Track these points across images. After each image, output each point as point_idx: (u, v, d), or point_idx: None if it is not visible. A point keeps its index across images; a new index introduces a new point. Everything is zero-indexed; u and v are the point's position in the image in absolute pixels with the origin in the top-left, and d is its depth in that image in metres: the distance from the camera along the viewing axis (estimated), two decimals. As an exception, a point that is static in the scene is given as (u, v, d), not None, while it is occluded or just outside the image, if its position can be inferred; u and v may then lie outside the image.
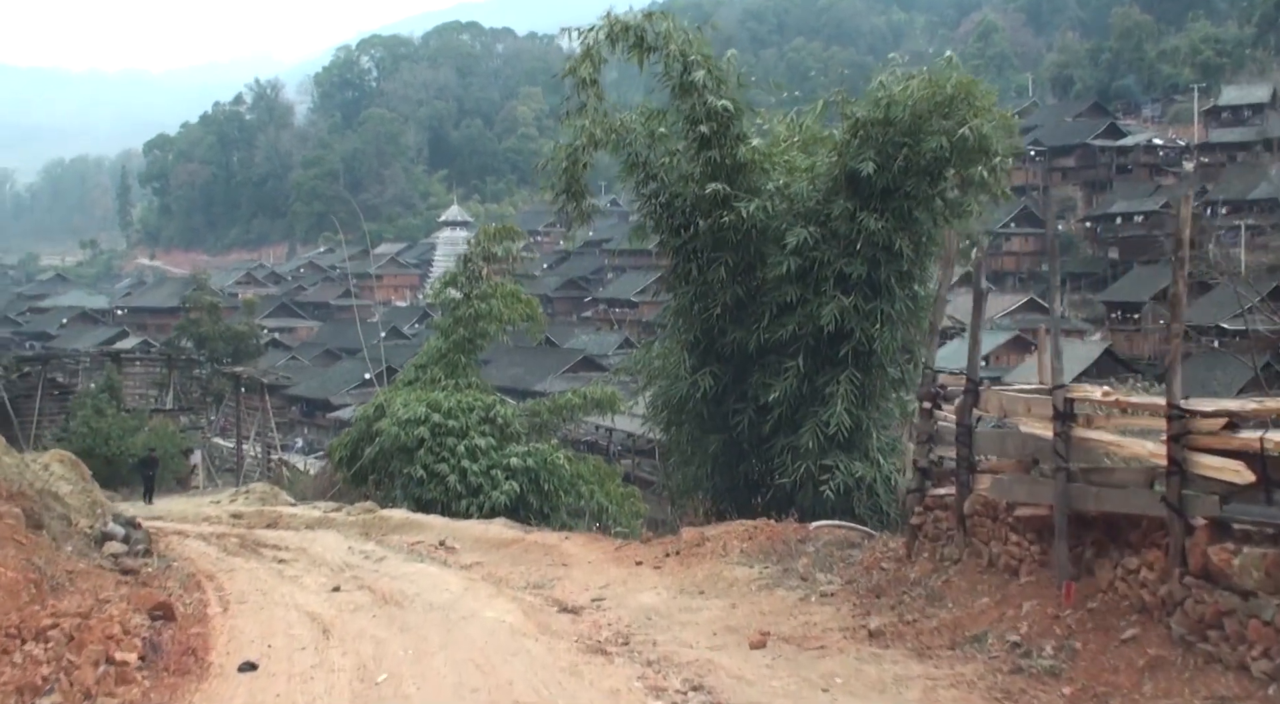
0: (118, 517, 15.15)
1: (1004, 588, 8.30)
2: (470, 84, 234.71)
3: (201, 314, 74.62)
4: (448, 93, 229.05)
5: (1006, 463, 8.78)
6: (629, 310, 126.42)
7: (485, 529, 16.55)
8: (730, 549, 11.90)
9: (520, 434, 27.64)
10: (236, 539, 17.98)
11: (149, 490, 34.88)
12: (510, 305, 29.64)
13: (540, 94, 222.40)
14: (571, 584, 11.83)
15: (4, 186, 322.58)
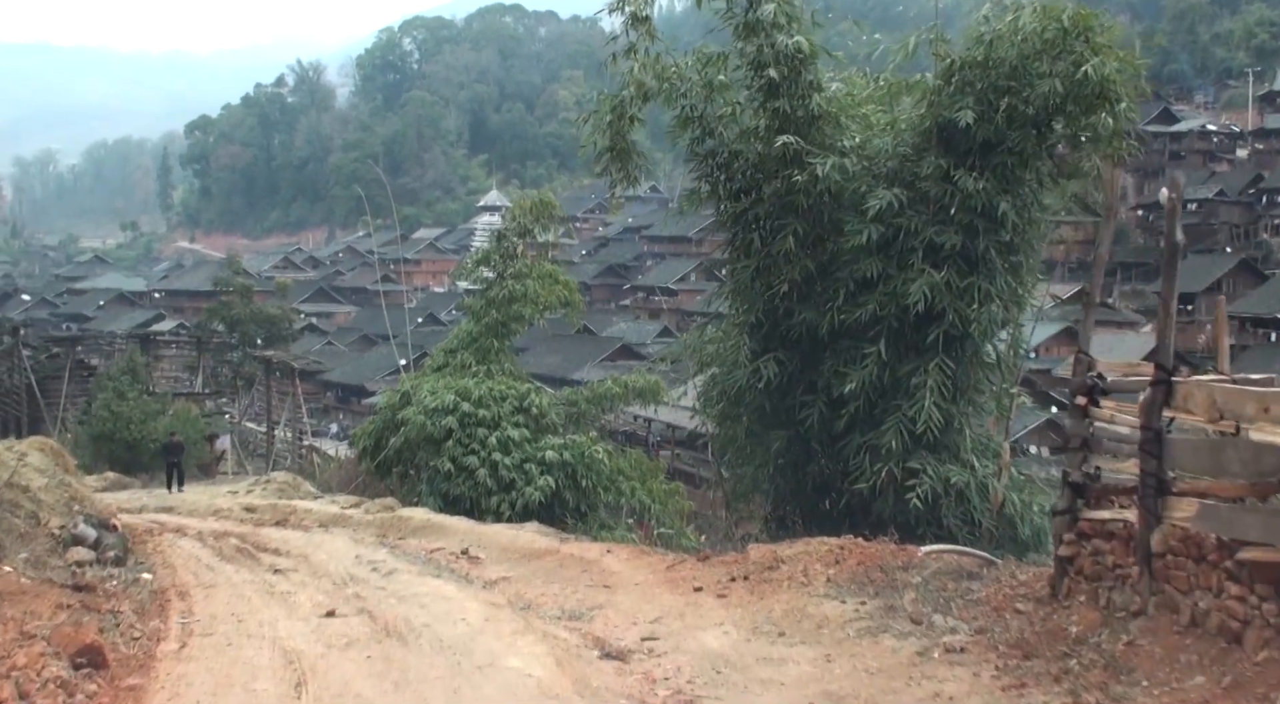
0: (90, 517, 13.12)
1: (1226, 662, 5.95)
2: (512, 67, 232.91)
3: (233, 297, 72.95)
4: (489, 76, 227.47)
5: (1224, 484, 6.40)
6: (669, 298, 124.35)
7: (515, 536, 14.39)
8: (813, 575, 9.64)
9: (556, 425, 25.54)
10: (237, 539, 15.96)
11: (176, 478, 32.47)
12: (547, 287, 27.52)
13: (582, 78, 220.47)
14: (616, 615, 9.65)
15: (47, 167, 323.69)
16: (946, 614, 8.17)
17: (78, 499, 14.30)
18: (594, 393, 27.01)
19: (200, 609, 9.88)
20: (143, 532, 15.75)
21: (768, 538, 15.98)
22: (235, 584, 11.46)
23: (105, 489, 34.56)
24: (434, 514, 17.75)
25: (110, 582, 10.83)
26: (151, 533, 16.21)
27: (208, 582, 11.54)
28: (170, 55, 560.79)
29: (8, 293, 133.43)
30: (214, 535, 16.47)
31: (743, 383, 14.57)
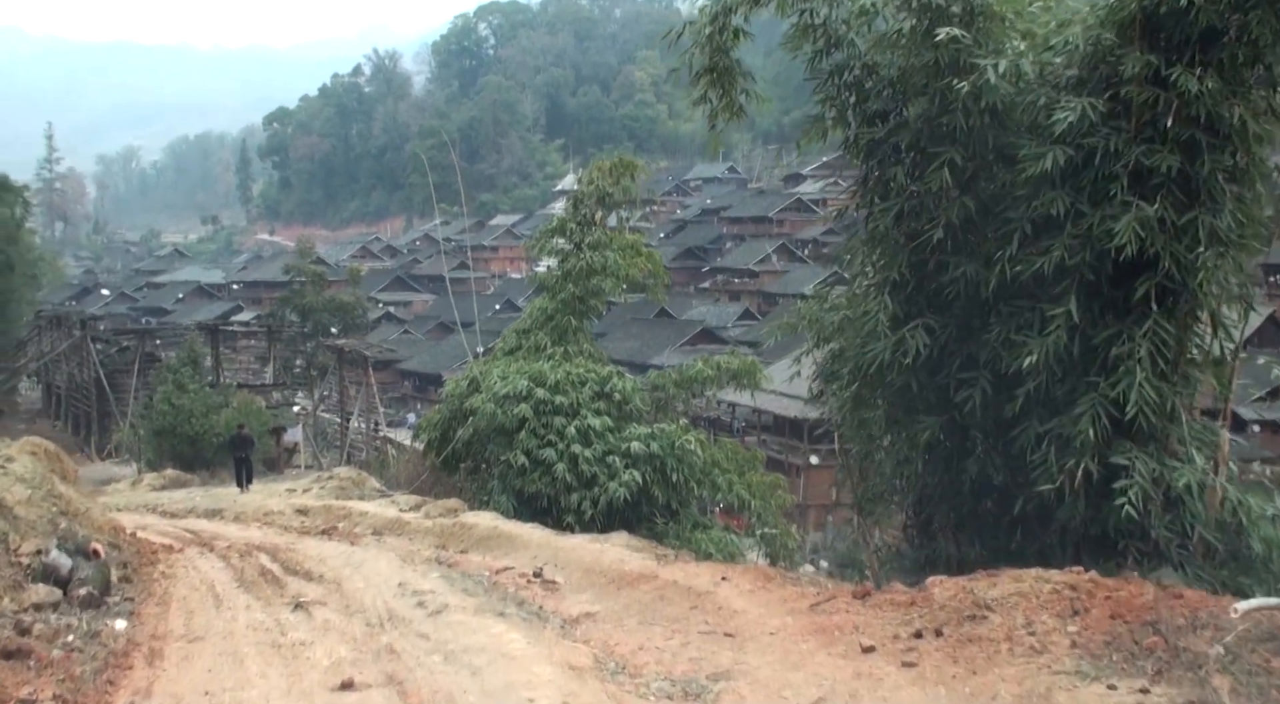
0: (67, 542, 10.40)
1: None
2: (588, 49, 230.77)
3: (306, 284, 71.17)
4: (565, 59, 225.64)
5: None
6: (749, 280, 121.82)
7: (599, 553, 11.45)
8: (1045, 633, 6.53)
9: (642, 413, 22.63)
10: (267, 556, 13.31)
11: (244, 475, 29.75)
12: (629, 259, 24.59)
13: (657, 58, 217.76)
14: (754, 691, 6.67)
15: (129, 164, 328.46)
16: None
17: (70, 515, 11.65)
18: (682, 376, 24.02)
19: (165, 683, 7.12)
20: (155, 550, 13.14)
21: (911, 551, 12.89)
22: (233, 634, 8.70)
23: (163, 488, 32.56)
24: (502, 521, 14.92)
25: (66, 635, 8.13)
26: (170, 550, 13.61)
27: (198, 631, 8.79)
28: (249, 50, 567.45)
29: (88, 288, 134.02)
30: (243, 550, 13.82)
31: (883, 358, 11.41)
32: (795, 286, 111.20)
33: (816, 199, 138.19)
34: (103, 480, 39.74)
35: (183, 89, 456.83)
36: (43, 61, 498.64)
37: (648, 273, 25.35)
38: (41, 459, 12.75)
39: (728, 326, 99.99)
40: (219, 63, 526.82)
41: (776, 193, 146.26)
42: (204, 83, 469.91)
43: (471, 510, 16.72)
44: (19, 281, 75.63)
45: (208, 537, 16.01)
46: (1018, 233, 10.83)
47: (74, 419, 65.40)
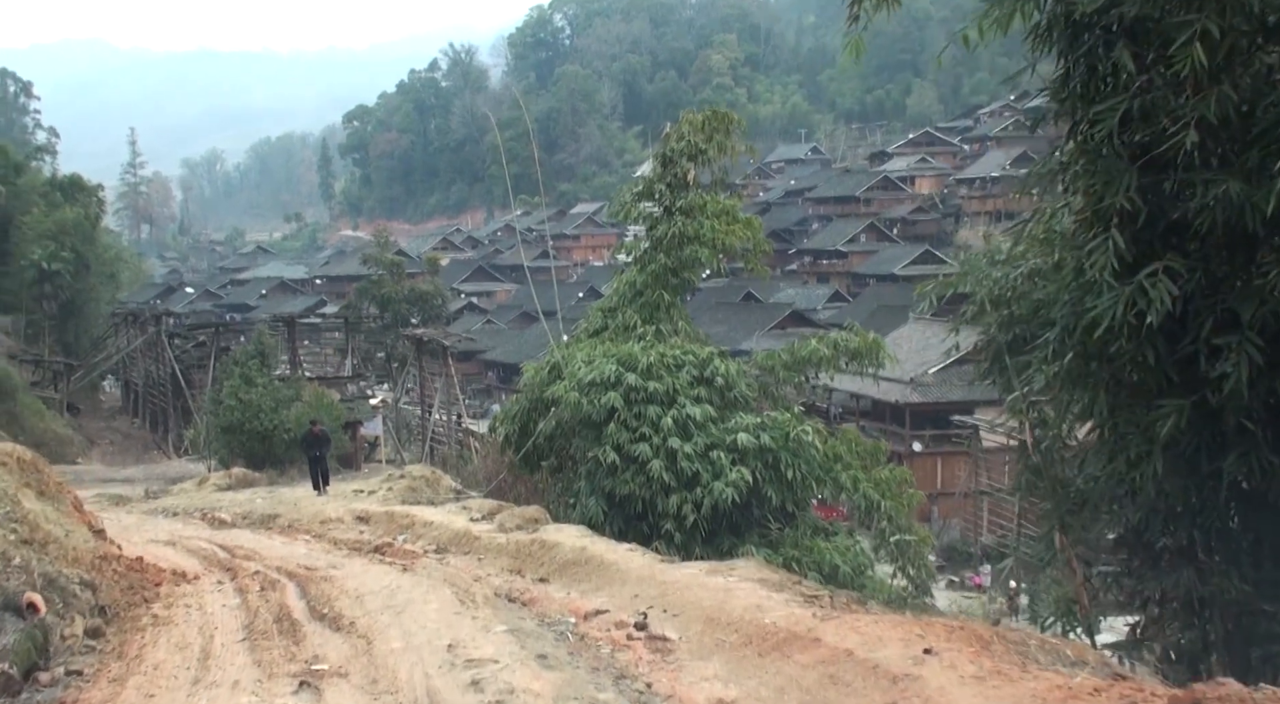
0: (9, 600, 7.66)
1: None
2: (664, 35, 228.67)
3: (384, 275, 69.18)
4: (641, 46, 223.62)
5: None
6: (837, 261, 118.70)
7: (725, 594, 8.38)
8: None
9: (748, 399, 19.60)
10: (297, 589, 10.54)
11: (319, 476, 26.32)
12: (726, 225, 21.56)
13: (734, 41, 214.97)
14: None
15: (214, 167, 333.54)
16: None
17: (36, 543, 8.95)
18: (794, 356, 20.88)
19: None
20: (159, 581, 10.46)
21: (1132, 581, 9.68)
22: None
23: (228, 488, 30.40)
24: (591, 538, 12.01)
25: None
26: (181, 579, 10.93)
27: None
28: (328, 53, 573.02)
29: (172, 287, 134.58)
30: (269, 581, 11.12)
31: (1114, 316, 8.22)
32: (885, 266, 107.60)
33: (905, 176, 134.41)
34: (174, 479, 37.86)
35: (265, 94, 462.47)
36: (129, 72, 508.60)
37: (746, 242, 22.27)
38: (12, 470, 10.08)
39: (817, 309, 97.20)
40: (299, 66, 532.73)
41: (863, 171, 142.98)
42: (285, 87, 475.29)
43: (554, 523, 13.82)
44: (96, 280, 75.11)
45: (241, 556, 13.39)
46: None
47: (151, 415, 64.30)
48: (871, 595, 17.56)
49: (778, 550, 17.75)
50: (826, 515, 22.80)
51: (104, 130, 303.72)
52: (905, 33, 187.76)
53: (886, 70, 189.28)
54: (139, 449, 58.70)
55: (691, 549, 17.76)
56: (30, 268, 63.34)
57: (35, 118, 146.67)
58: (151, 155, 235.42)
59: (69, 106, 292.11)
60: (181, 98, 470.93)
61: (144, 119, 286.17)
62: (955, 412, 55.72)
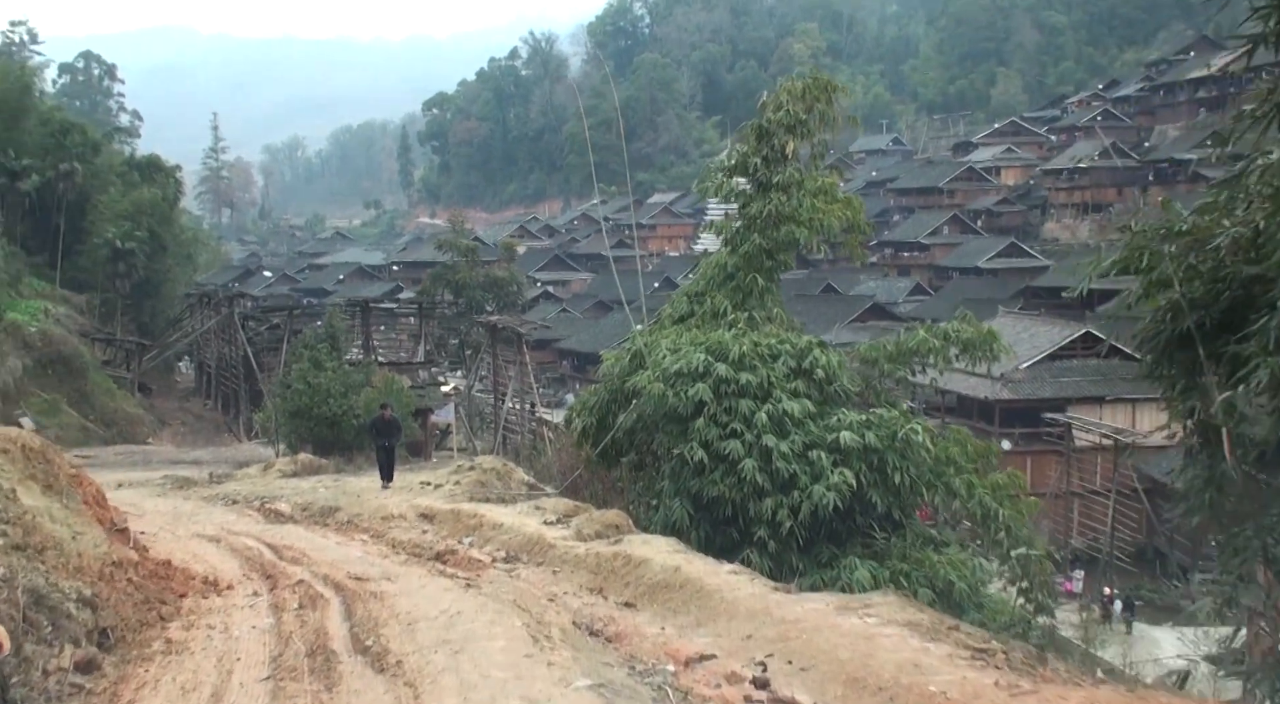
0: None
1: None
2: (744, 24, 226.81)
3: (459, 260, 68.11)
4: (721, 35, 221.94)
5: None
6: (919, 254, 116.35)
7: (867, 643, 6.58)
8: None
9: (849, 394, 17.80)
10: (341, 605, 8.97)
11: (386, 466, 24.56)
12: (826, 204, 19.75)
13: (816, 30, 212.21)
14: None
15: (295, 154, 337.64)
16: None
17: (30, 548, 7.48)
18: (900, 347, 19.00)
19: None
20: (184, 593, 8.98)
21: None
22: None
23: (293, 474, 29.33)
24: (685, 554, 10.33)
25: None
26: (213, 588, 9.45)
27: None
28: (410, 41, 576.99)
29: (250, 270, 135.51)
30: (312, 594, 9.58)
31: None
32: (969, 259, 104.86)
33: (990, 167, 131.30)
34: (242, 462, 36.98)
35: (347, 82, 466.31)
36: (214, 59, 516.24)
37: (846, 222, 20.41)
38: (14, 459, 8.63)
39: (898, 302, 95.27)
40: (381, 55, 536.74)
41: (946, 162, 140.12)
42: (367, 75, 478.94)
43: (638, 532, 12.12)
44: (173, 261, 75.04)
45: (288, 558, 11.95)
46: None
47: (223, 398, 63.95)
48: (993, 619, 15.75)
49: (883, 563, 15.98)
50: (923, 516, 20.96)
51: (188, 116, 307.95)
52: (989, 21, 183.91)
53: (969, 59, 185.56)
54: (210, 431, 58.24)
55: (787, 559, 16.05)
56: (104, 246, 63.16)
57: (119, 101, 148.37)
58: (234, 141, 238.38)
59: (154, 92, 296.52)
60: (265, 85, 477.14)
61: (228, 106, 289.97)
62: (1046, 409, 53.83)
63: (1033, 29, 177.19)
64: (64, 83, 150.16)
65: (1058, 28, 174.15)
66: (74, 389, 50.81)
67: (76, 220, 66.35)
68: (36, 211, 65.60)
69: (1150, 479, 50.04)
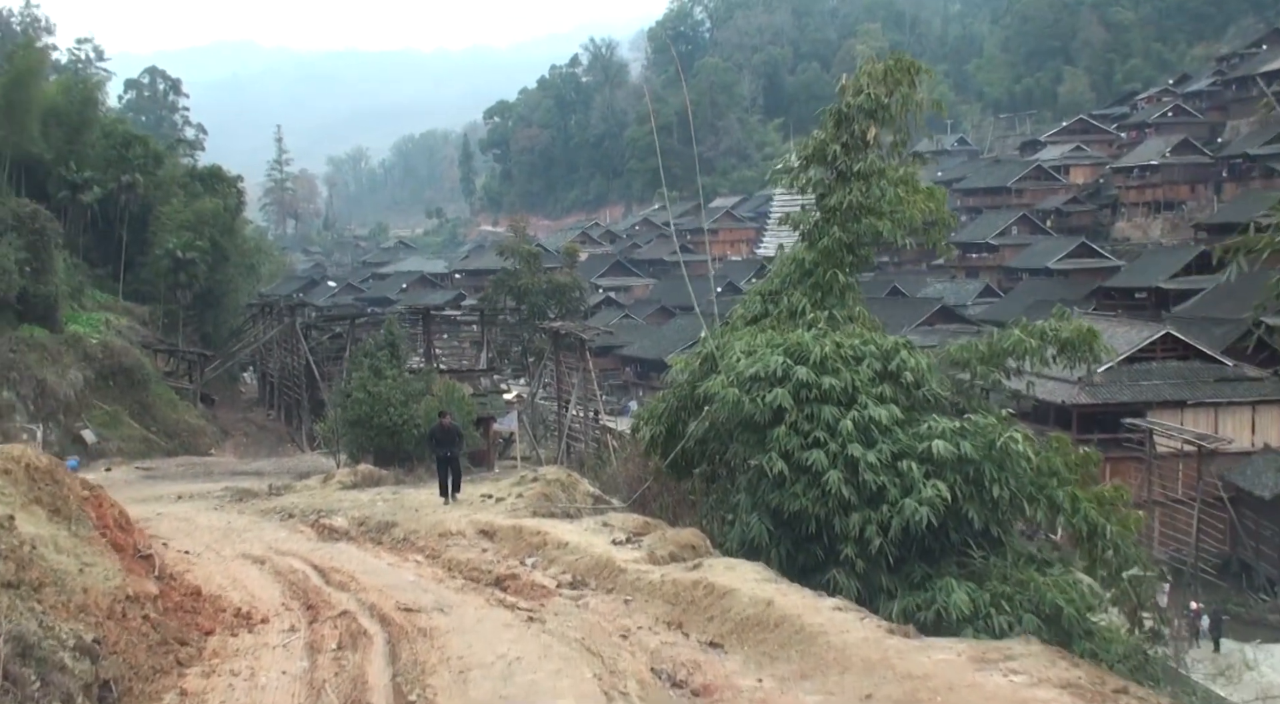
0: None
1: None
2: (806, 25, 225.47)
3: (521, 266, 67.28)
4: (782, 37, 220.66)
5: None
6: (988, 255, 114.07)
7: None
8: None
9: (940, 399, 16.45)
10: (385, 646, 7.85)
11: (450, 481, 22.06)
12: (908, 195, 18.40)
13: (879, 30, 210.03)
14: None
15: (358, 164, 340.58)
16: None
17: (25, 586, 6.41)
18: (993, 348, 17.60)
19: None
20: (210, 630, 7.92)
21: None
22: None
23: (353, 486, 28.45)
24: (779, 585, 9.11)
25: None
26: (245, 623, 8.39)
27: None
28: (471, 52, 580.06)
29: (315, 280, 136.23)
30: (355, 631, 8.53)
31: None
32: (1039, 260, 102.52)
33: (1058, 165, 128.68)
34: (303, 473, 36.35)
35: (409, 93, 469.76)
36: (277, 72, 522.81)
37: (929, 215, 19.03)
38: (17, 480, 7.61)
39: (967, 304, 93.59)
40: (443, 65, 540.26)
41: (1014, 161, 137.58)
42: (429, 85, 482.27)
43: (718, 555, 10.89)
44: (235, 271, 75.04)
45: (335, 583, 10.91)
46: None
47: (286, 408, 63.66)
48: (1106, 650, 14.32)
49: (982, 584, 14.59)
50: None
51: (252, 130, 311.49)
52: (1055, 19, 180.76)
53: (1035, 58, 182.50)
54: (273, 441, 57.90)
55: (876, 579, 14.74)
56: (165, 257, 63.10)
57: (184, 115, 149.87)
58: (298, 153, 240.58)
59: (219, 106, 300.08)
60: (328, 97, 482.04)
61: (291, 118, 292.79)
62: (1126, 414, 52.04)
63: (1099, 26, 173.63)
64: (130, 98, 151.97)
65: (1125, 24, 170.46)
66: (136, 401, 50.59)
67: (139, 232, 66.42)
68: (99, 224, 65.79)
69: (1235, 487, 48.03)
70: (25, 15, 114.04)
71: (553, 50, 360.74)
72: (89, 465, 43.21)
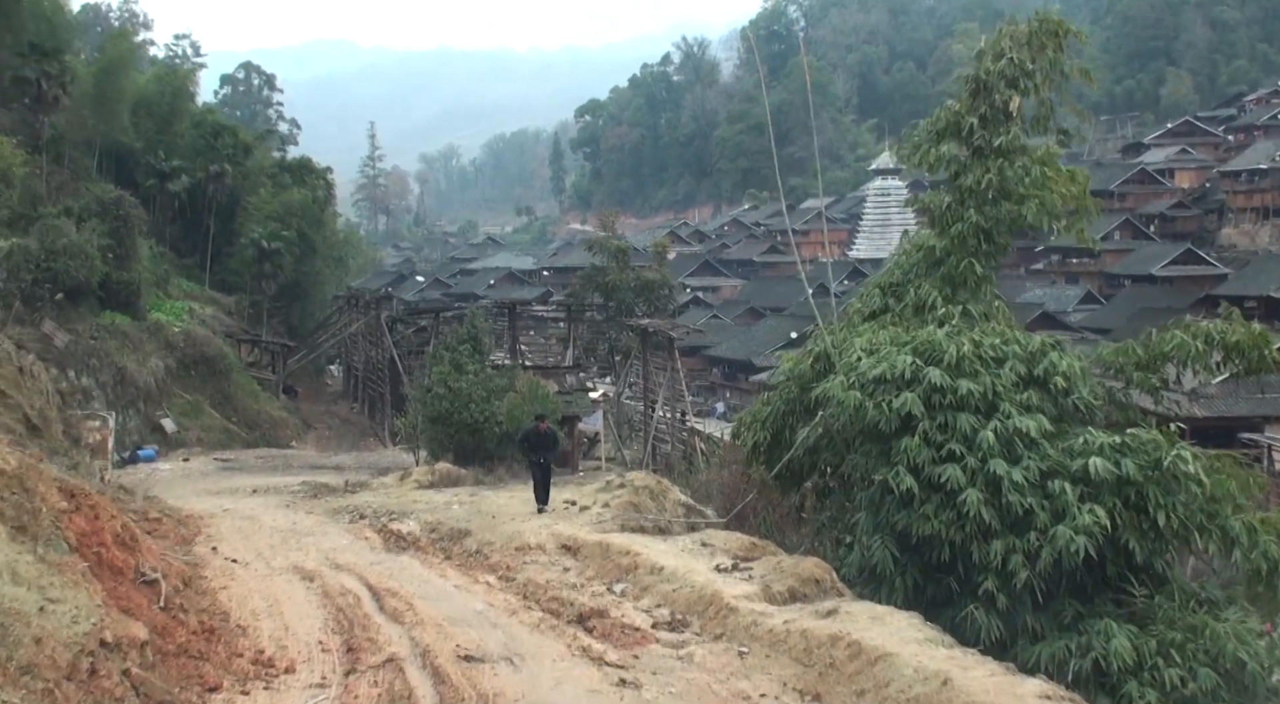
0: None
1: None
2: (902, 25, 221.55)
3: (609, 261, 65.46)
4: (878, 36, 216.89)
5: None
6: (1089, 260, 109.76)
7: None
8: None
9: (1092, 409, 14.30)
10: None
11: (541, 483, 20.12)
12: (1053, 177, 16.25)
13: (977, 30, 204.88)
14: None
15: (450, 162, 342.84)
16: None
17: None
18: (1151, 351, 15.36)
19: None
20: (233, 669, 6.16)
21: None
22: None
23: (430, 485, 26.94)
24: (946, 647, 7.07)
25: None
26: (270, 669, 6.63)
27: None
28: (563, 52, 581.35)
29: (404, 275, 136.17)
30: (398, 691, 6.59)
31: None
32: (1142, 266, 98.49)
33: (1163, 169, 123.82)
34: (383, 469, 35.10)
35: (501, 92, 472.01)
36: (372, 72, 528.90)
37: (1070, 201, 16.84)
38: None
39: (1068, 311, 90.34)
40: (535, 65, 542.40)
41: (1116, 164, 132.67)
42: (521, 86, 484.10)
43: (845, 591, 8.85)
44: (323, 264, 74.43)
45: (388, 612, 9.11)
46: None
47: (370, 401, 62.71)
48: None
49: (1145, 628, 12.42)
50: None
51: (346, 128, 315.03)
52: (1157, 19, 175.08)
53: (1137, 59, 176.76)
54: (355, 435, 56.92)
55: (1019, 618, 12.64)
56: (250, 246, 62.48)
57: (278, 110, 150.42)
58: (392, 151, 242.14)
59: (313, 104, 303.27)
60: (422, 96, 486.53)
61: (385, 116, 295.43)
62: (1242, 428, 48.79)
63: (1204, 26, 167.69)
64: (225, 93, 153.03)
65: (1230, 24, 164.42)
66: (217, 390, 49.81)
67: (227, 222, 65.96)
68: (188, 214, 65.46)
69: (1362, 508, 44.81)
70: (123, 11, 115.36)
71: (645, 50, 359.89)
72: (167, 455, 42.47)
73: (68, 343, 42.65)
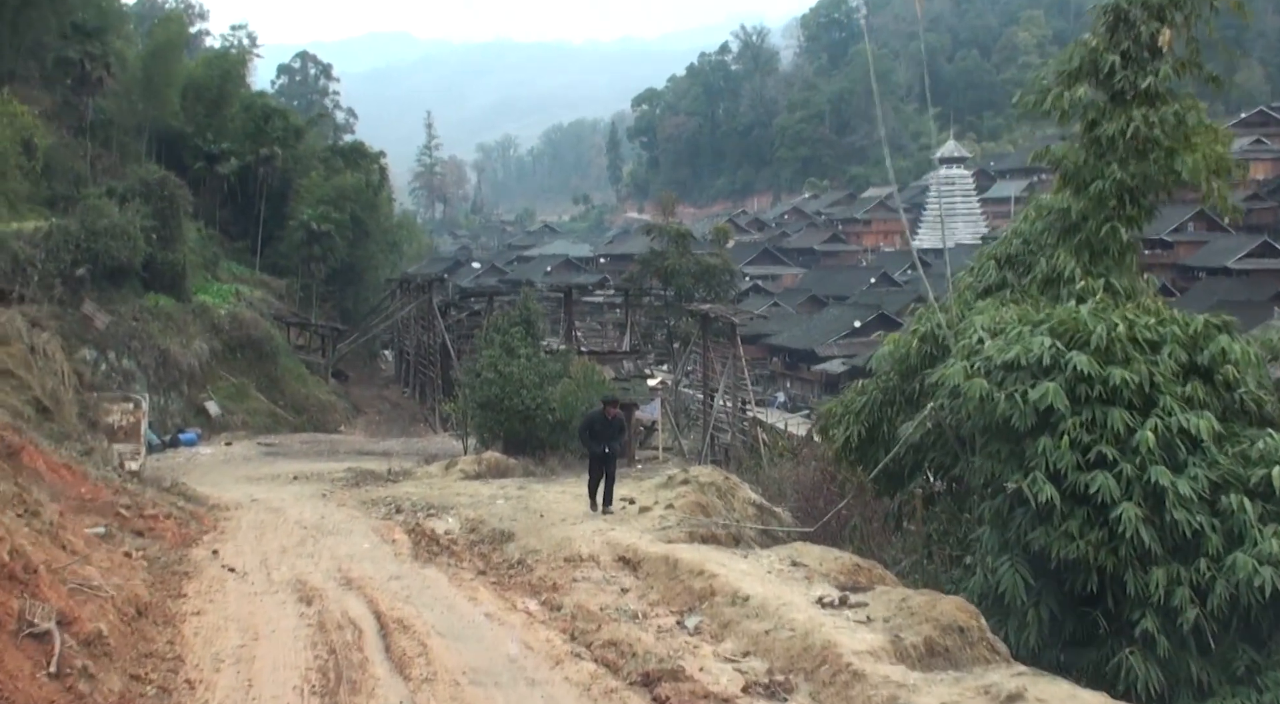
0: None
1: None
2: (965, 12, 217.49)
3: (668, 246, 63.26)
4: (940, 23, 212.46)
5: None
6: (1162, 252, 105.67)
7: None
8: None
9: (1263, 407, 11.73)
10: None
11: (606, 484, 17.01)
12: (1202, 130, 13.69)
13: (1042, 18, 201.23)
14: None
15: (507, 152, 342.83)
16: None
17: None
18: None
19: None
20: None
21: None
22: None
23: (476, 476, 24.85)
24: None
25: None
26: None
27: None
28: (621, 43, 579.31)
29: (460, 261, 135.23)
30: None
31: None
32: (1217, 259, 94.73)
33: (1237, 160, 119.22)
34: (431, 455, 33.24)
35: (558, 83, 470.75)
36: (430, 63, 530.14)
37: (1215, 162, 14.26)
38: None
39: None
40: (592, 56, 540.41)
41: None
42: (578, 76, 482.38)
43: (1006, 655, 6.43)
44: (376, 248, 72.99)
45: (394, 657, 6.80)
46: None
47: (420, 386, 60.99)
48: None
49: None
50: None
51: (404, 118, 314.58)
52: (1225, 7, 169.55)
53: (1207, 48, 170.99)
54: (405, 420, 55.23)
55: (1182, 666, 10.19)
56: (299, 228, 60.97)
57: (334, 99, 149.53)
58: (448, 141, 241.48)
59: (371, 95, 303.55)
60: (480, 87, 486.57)
61: (443, 107, 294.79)
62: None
63: (1275, 14, 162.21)
64: (282, 83, 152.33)
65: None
66: (263, 374, 48.24)
67: (278, 206, 64.58)
68: (238, 197, 64.15)
69: None
70: (180, 3, 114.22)
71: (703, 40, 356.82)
72: (210, 439, 41.05)
73: (109, 324, 41.20)
